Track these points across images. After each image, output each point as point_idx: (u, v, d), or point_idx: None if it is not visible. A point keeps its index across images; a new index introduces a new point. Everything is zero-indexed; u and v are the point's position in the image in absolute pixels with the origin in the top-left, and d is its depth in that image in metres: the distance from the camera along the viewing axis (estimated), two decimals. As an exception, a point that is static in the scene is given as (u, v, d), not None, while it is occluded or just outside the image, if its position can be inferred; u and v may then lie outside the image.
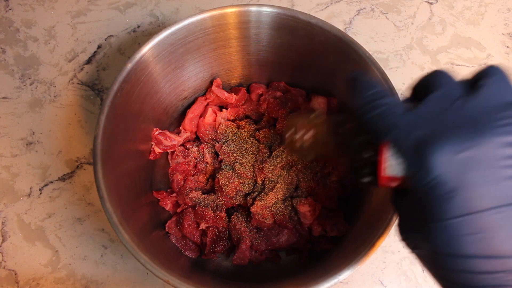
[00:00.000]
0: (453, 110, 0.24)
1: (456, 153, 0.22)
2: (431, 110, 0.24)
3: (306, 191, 0.52)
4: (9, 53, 0.65)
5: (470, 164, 0.22)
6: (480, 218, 0.21)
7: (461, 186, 0.22)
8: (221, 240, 0.51)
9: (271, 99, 0.56)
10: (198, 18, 0.46)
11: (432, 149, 0.22)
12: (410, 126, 0.24)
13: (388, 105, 0.26)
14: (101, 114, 0.43)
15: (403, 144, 0.24)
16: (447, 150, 0.22)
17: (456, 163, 0.22)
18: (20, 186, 0.58)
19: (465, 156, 0.22)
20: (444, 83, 0.25)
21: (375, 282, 0.55)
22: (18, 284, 0.54)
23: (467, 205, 0.22)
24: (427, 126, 0.24)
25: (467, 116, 0.23)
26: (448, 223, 0.22)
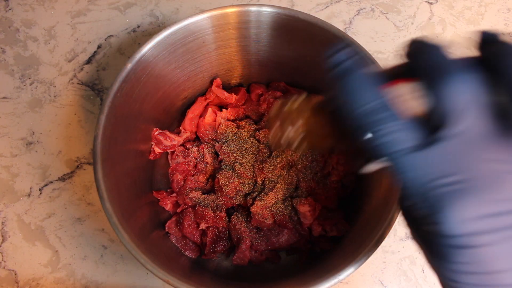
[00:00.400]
0: (480, 151, 0.19)
1: (476, 217, 0.19)
2: (448, 151, 0.20)
3: (306, 191, 0.52)
4: (9, 53, 0.65)
5: (487, 221, 0.19)
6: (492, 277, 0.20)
7: (470, 244, 0.20)
8: (221, 240, 0.51)
9: (271, 99, 0.56)
10: (198, 18, 0.46)
11: (452, 204, 0.19)
12: (423, 172, 0.20)
13: (393, 134, 0.20)
14: (101, 114, 0.43)
15: (415, 190, 0.21)
16: (468, 207, 0.19)
17: (474, 219, 0.19)
18: (20, 186, 0.58)
19: (484, 213, 0.19)
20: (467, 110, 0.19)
21: (375, 282, 0.55)
22: (18, 284, 0.54)
23: (478, 268, 0.20)
24: (443, 173, 0.20)
25: (493, 168, 0.19)
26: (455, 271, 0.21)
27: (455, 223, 0.19)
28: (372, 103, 0.21)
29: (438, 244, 0.21)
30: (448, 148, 0.20)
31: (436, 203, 0.20)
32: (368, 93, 0.21)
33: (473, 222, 0.19)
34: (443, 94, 0.20)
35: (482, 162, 0.19)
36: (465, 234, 0.20)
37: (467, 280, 0.21)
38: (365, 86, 0.21)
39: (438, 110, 0.20)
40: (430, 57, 0.21)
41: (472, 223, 0.19)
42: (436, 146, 0.20)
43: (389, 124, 0.20)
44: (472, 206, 0.19)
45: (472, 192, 0.19)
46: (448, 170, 0.20)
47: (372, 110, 0.20)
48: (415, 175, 0.20)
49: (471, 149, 0.19)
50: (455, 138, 0.20)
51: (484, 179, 0.19)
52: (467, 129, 0.19)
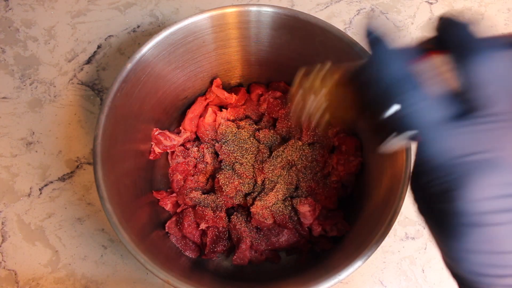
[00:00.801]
0: (506, 139, 0.19)
1: (496, 189, 0.19)
2: (480, 130, 0.20)
3: (306, 191, 0.52)
4: (9, 53, 0.65)
5: (503, 201, 0.19)
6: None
7: (487, 222, 0.20)
8: (221, 240, 0.51)
9: (271, 99, 0.56)
10: (198, 18, 0.46)
11: (475, 181, 0.19)
12: (455, 143, 0.20)
13: (424, 104, 0.20)
14: (101, 114, 0.43)
15: (439, 164, 0.21)
16: (489, 186, 0.19)
17: (492, 199, 0.20)
18: (20, 186, 0.58)
19: (502, 193, 0.19)
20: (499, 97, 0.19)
21: (375, 282, 0.55)
22: (18, 284, 0.54)
23: (489, 247, 0.20)
24: (476, 147, 0.20)
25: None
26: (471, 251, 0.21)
27: (475, 201, 0.20)
28: (404, 72, 0.20)
29: (452, 221, 0.21)
30: (481, 127, 0.20)
31: (461, 178, 0.20)
32: (399, 62, 0.21)
33: (490, 200, 0.19)
34: (476, 71, 0.19)
35: (510, 143, 0.19)
36: (480, 213, 0.20)
37: (475, 259, 0.21)
38: (397, 56, 0.21)
39: (471, 88, 0.20)
40: (461, 32, 0.20)
41: (489, 202, 0.19)
42: (469, 124, 0.20)
43: (420, 94, 0.20)
44: (495, 184, 0.19)
45: (497, 170, 0.19)
46: (478, 148, 0.20)
47: (404, 79, 0.20)
48: (443, 148, 0.20)
49: (503, 130, 0.19)
50: (488, 119, 0.19)
51: (508, 159, 0.19)
52: (500, 111, 0.19)
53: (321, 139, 0.54)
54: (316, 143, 0.54)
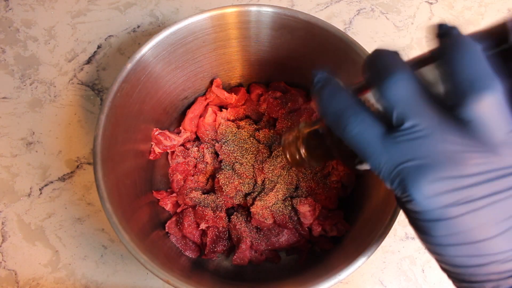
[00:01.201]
0: (432, 140, 0.22)
1: (437, 186, 0.22)
2: (410, 137, 0.23)
3: (306, 191, 0.52)
4: (9, 53, 0.65)
5: (450, 195, 0.22)
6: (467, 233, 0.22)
7: (442, 216, 0.22)
8: (221, 240, 0.51)
9: (271, 99, 0.56)
10: (198, 18, 0.46)
11: (414, 183, 0.22)
12: (390, 155, 0.23)
13: (359, 128, 0.24)
14: (101, 114, 0.43)
15: (385, 174, 0.24)
16: (429, 184, 0.22)
17: (437, 195, 0.22)
18: (20, 186, 0.58)
19: (446, 189, 0.22)
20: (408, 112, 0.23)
21: (375, 282, 0.55)
22: (18, 284, 0.54)
23: (461, 239, 0.22)
24: (407, 156, 0.23)
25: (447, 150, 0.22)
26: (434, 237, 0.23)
27: (422, 199, 0.22)
28: (342, 104, 0.25)
29: (416, 220, 0.24)
30: (407, 137, 0.23)
31: (402, 184, 0.23)
32: (338, 98, 0.25)
33: (439, 197, 0.22)
34: (386, 95, 0.23)
35: (437, 146, 0.22)
36: (434, 208, 0.22)
37: (450, 252, 0.23)
38: (336, 93, 0.25)
39: (389, 110, 0.23)
40: (378, 62, 0.24)
41: (438, 198, 0.22)
42: (395, 136, 0.23)
43: (357, 118, 0.24)
44: (434, 183, 0.22)
45: (431, 170, 0.22)
46: (410, 154, 0.23)
47: (342, 109, 0.25)
48: (383, 160, 0.23)
49: (426, 136, 0.22)
50: (409, 130, 0.23)
51: (441, 159, 0.22)
52: (417, 122, 0.22)
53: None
54: (316, 143, 0.54)
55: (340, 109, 0.25)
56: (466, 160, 0.21)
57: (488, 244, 0.22)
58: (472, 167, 0.21)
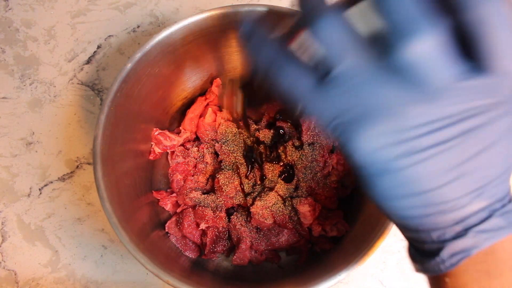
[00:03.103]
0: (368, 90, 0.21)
1: (377, 140, 0.21)
2: (344, 87, 0.21)
3: (306, 191, 0.52)
4: (9, 53, 0.65)
5: (392, 148, 0.21)
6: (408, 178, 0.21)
7: (387, 169, 0.21)
8: (221, 240, 0.51)
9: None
10: (198, 18, 0.46)
11: (352, 138, 0.21)
12: (325, 107, 0.22)
13: (291, 76, 0.22)
14: (101, 114, 0.43)
15: (325, 128, 0.22)
16: (368, 138, 0.21)
17: (378, 149, 0.21)
18: (20, 186, 0.58)
19: (387, 142, 0.21)
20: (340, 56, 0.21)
21: (375, 282, 0.55)
22: (17, 284, 0.54)
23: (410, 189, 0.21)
24: (342, 107, 0.21)
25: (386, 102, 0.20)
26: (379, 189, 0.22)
27: (362, 154, 0.21)
28: (270, 55, 0.23)
29: (362, 174, 0.22)
30: (340, 85, 0.21)
31: (342, 137, 0.21)
32: (266, 48, 0.23)
33: (380, 150, 0.21)
34: (317, 38, 0.21)
35: (374, 97, 0.20)
36: (376, 163, 0.21)
37: (402, 204, 0.22)
38: (263, 43, 0.23)
39: (320, 55, 0.21)
40: (310, 3, 0.22)
41: (380, 152, 0.21)
42: (325, 86, 0.21)
43: (286, 70, 0.22)
44: (374, 137, 0.21)
45: (370, 124, 0.20)
46: (345, 106, 0.21)
47: (271, 61, 0.22)
48: (319, 112, 0.22)
49: (359, 84, 0.21)
50: (342, 76, 0.21)
51: (378, 111, 0.20)
52: (349, 68, 0.20)
53: (321, 139, 0.54)
54: (316, 143, 0.54)
55: (269, 60, 0.23)
56: (406, 111, 0.20)
57: (435, 194, 0.21)
58: (413, 118, 0.20)
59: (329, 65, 0.21)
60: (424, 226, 0.23)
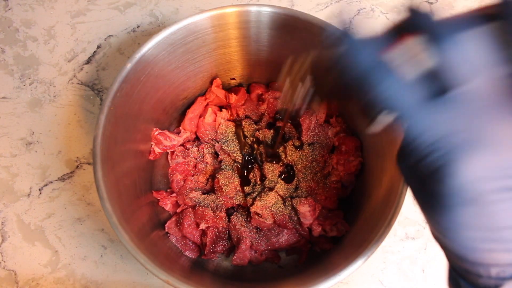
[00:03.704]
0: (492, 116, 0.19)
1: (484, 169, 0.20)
2: (466, 106, 0.20)
3: (306, 191, 0.52)
4: (9, 53, 0.65)
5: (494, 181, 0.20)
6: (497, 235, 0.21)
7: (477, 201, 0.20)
8: (221, 240, 0.51)
9: (271, 99, 0.56)
10: (198, 18, 0.46)
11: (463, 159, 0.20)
12: (436, 122, 0.20)
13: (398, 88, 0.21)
14: (100, 114, 0.43)
15: (425, 142, 0.21)
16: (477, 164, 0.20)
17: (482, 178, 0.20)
18: (20, 186, 0.58)
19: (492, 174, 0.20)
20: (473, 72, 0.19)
21: (375, 282, 0.55)
22: (17, 284, 0.54)
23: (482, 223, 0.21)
24: (457, 126, 0.20)
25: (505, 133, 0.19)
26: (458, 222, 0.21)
27: (467, 179, 0.20)
28: (375, 61, 0.21)
29: (446, 199, 0.21)
30: (460, 106, 0.20)
31: (445, 157, 0.20)
32: (370, 52, 0.21)
33: (482, 180, 0.20)
34: (449, 50, 0.19)
35: (493, 123, 0.19)
36: (473, 191, 0.20)
37: (474, 235, 0.21)
38: (367, 46, 0.22)
39: (445, 67, 0.20)
40: (429, 16, 0.21)
41: (482, 181, 0.20)
42: (445, 103, 0.20)
43: (394, 79, 0.20)
44: (482, 165, 0.19)
45: (484, 151, 0.19)
46: (459, 128, 0.20)
47: (376, 67, 0.21)
48: (424, 128, 0.20)
49: (483, 109, 0.19)
50: (466, 97, 0.20)
51: (495, 139, 0.19)
52: (478, 89, 0.19)
53: (321, 139, 0.54)
54: (316, 143, 0.54)
55: (368, 68, 0.21)
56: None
57: (507, 232, 0.21)
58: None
59: (456, 79, 0.19)
60: (485, 260, 0.22)
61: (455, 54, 0.19)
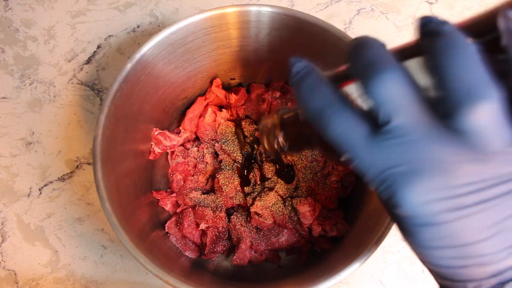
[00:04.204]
0: (422, 146, 0.21)
1: (426, 195, 0.21)
2: (398, 140, 0.21)
3: (306, 191, 0.52)
4: (9, 53, 0.65)
5: (439, 203, 0.21)
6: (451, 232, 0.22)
7: (431, 222, 0.22)
8: (221, 240, 0.51)
9: (271, 99, 0.56)
10: (198, 18, 0.46)
11: (402, 190, 0.21)
12: (376, 159, 0.22)
13: (343, 127, 0.22)
14: (100, 114, 0.43)
15: (371, 177, 0.22)
16: (417, 192, 0.21)
17: (426, 203, 0.21)
18: (20, 186, 0.58)
19: (435, 197, 0.21)
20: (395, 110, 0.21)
21: (375, 282, 0.55)
22: (17, 284, 0.54)
23: (450, 242, 0.22)
24: (394, 160, 0.22)
25: (438, 158, 0.21)
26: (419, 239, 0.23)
27: (409, 207, 0.21)
28: (323, 100, 0.23)
29: (402, 224, 0.23)
30: (395, 140, 0.21)
31: (389, 190, 0.22)
32: (320, 93, 0.23)
33: (427, 204, 0.21)
34: (374, 92, 0.21)
35: (427, 153, 0.21)
36: (421, 215, 0.21)
37: (441, 254, 0.23)
38: (317, 88, 0.23)
39: (376, 107, 0.21)
40: (364, 55, 0.22)
41: (426, 206, 0.21)
42: (382, 139, 0.22)
43: (340, 117, 0.22)
44: (423, 192, 0.21)
45: (421, 178, 0.21)
46: (398, 159, 0.21)
47: (324, 106, 0.23)
48: (368, 163, 0.22)
49: (416, 141, 0.21)
50: (396, 132, 0.21)
51: (430, 167, 0.21)
52: (406, 123, 0.21)
53: (321, 139, 0.54)
54: (316, 143, 0.54)
55: (321, 106, 0.23)
56: (457, 170, 0.21)
57: (474, 248, 0.22)
58: (464, 177, 0.21)
59: (384, 118, 0.21)
60: (461, 276, 0.23)
61: (378, 95, 0.21)
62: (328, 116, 0.23)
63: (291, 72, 0.25)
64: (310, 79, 0.24)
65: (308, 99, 0.23)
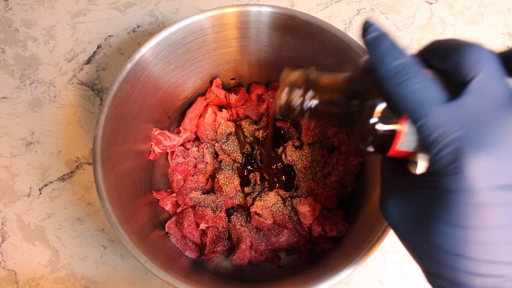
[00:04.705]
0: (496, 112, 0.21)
1: (494, 169, 0.21)
2: (470, 105, 0.22)
3: (306, 191, 0.52)
4: (9, 53, 0.65)
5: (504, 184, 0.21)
6: (494, 233, 0.21)
7: (490, 203, 0.21)
8: (221, 240, 0.51)
9: (271, 99, 0.56)
10: (198, 18, 0.46)
11: (472, 158, 0.21)
12: (448, 122, 0.22)
13: (422, 85, 0.23)
14: (101, 114, 0.43)
15: (438, 137, 0.22)
16: (486, 163, 0.21)
17: (492, 179, 0.21)
18: (20, 186, 0.58)
19: (503, 175, 0.21)
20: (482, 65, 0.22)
21: (375, 282, 0.55)
22: (17, 284, 0.54)
23: (486, 221, 0.21)
24: (465, 126, 0.21)
25: None
26: (460, 229, 0.22)
27: (475, 176, 0.21)
28: (405, 59, 0.24)
29: (448, 201, 0.22)
30: (472, 103, 0.22)
31: (456, 153, 0.21)
32: (401, 52, 0.24)
33: (493, 178, 0.21)
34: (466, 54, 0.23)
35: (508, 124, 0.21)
36: (483, 189, 0.21)
37: (463, 236, 0.22)
38: (397, 48, 0.24)
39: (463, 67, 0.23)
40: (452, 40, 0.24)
41: (492, 179, 0.21)
42: (460, 102, 0.22)
43: (419, 76, 0.23)
44: (492, 165, 0.21)
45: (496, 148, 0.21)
46: (473, 125, 0.21)
47: (405, 64, 0.24)
48: (440, 122, 0.22)
49: (492, 108, 0.22)
50: (474, 93, 0.22)
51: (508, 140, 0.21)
52: (485, 85, 0.22)
53: (321, 139, 0.54)
54: (316, 143, 0.54)
55: (403, 63, 0.23)
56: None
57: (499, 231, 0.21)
58: None
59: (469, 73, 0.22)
60: (467, 282, 0.23)
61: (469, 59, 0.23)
62: (408, 73, 0.23)
63: (368, 29, 0.25)
64: (390, 40, 0.25)
65: (388, 55, 0.24)
